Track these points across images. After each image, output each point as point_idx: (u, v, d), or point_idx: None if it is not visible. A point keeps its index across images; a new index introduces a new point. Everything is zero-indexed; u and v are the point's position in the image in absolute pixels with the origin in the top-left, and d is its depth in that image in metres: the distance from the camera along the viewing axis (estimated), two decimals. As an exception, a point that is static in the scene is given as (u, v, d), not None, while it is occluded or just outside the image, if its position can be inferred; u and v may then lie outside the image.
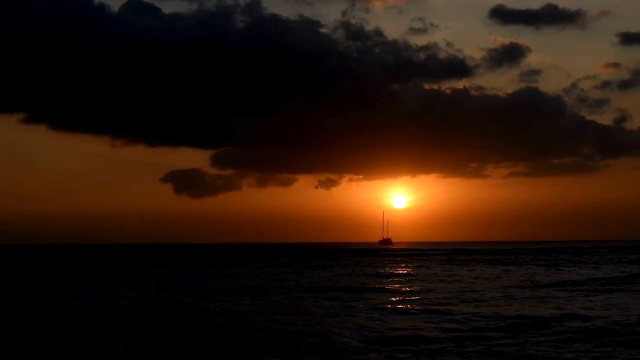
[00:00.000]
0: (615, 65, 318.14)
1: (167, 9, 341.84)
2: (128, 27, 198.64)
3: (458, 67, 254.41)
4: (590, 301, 34.35)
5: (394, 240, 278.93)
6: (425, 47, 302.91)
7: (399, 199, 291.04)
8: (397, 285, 47.84)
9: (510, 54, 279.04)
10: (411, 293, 41.18)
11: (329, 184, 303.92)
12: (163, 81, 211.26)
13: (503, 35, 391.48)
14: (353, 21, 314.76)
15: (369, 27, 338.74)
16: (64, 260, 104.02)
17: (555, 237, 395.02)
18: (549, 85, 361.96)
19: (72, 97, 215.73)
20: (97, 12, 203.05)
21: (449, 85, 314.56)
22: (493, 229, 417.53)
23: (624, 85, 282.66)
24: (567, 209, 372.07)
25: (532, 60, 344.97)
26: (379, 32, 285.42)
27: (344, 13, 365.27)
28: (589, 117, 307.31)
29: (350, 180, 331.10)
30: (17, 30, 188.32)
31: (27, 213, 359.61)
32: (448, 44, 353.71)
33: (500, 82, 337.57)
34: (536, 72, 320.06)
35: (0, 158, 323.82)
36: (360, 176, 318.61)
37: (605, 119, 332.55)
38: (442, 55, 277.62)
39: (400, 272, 66.99)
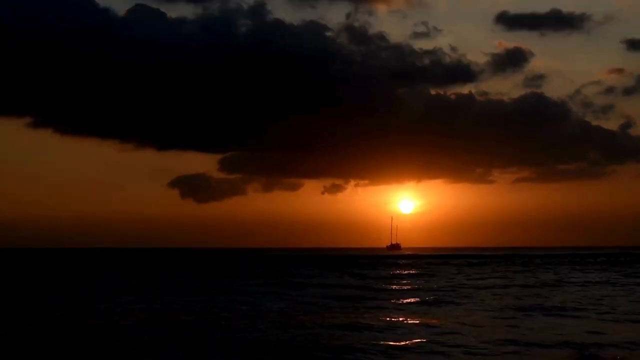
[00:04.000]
0: (620, 71, 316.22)
1: (172, 14, 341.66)
2: (133, 31, 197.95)
3: (462, 72, 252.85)
4: None
5: (402, 245, 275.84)
6: (430, 52, 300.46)
7: (406, 204, 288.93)
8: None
9: (514, 59, 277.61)
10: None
11: (334, 189, 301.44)
12: (169, 86, 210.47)
13: (507, 40, 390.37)
14: (356, 24, 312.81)
15: (372, 31, 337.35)
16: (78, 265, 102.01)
17: (562, 243, 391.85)
18: (553, 90, 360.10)
19: (79, 101, 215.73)
20: (103, 16, 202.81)
21: (453, 91, 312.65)
22: (499, 235, 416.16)
23: (629, 91, 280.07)
24: (573, 215, 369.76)
25: (536, 65, 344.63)
26: (382, 36, 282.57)
27: (347, 16, 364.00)
28: (594, 123, 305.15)
29: (356, 185, 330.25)
30: (23, 35, 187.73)
31: (33, 217, 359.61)
32: (452, 48, 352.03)
33: (505, 87, 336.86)
34: (540, 77, 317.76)
35: (7, 161, 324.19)
36: (366, 181, 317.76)
37: (610, 124, 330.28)
38: (446, 60, 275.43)
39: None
